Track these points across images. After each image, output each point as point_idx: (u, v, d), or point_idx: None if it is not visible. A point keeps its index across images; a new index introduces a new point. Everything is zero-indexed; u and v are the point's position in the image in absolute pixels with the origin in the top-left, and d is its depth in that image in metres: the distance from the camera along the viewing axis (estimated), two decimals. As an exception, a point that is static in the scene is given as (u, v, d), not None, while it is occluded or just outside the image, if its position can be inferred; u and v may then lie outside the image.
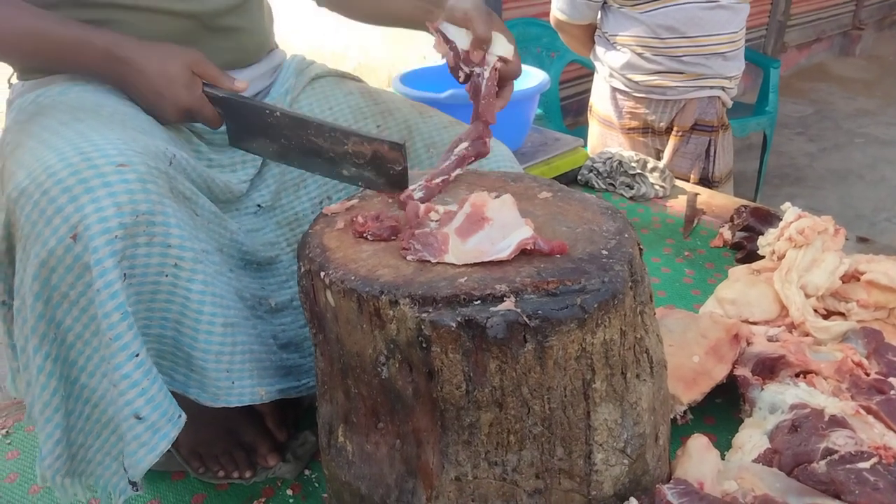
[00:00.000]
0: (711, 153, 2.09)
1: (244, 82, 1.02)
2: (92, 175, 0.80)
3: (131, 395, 0.82)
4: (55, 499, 1.09)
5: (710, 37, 1.95)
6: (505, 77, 1.04)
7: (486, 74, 1.01)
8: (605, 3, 2.04)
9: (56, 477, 0.87)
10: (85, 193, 0.79)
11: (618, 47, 2.04)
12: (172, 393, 0.89)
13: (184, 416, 0.87)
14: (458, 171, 1.00)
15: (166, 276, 0.86)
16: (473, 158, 1.02)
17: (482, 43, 1.00)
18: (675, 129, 2.08)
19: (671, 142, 2.11)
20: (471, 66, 1.02)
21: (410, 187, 0.93)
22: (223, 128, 1.12)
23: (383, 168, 0.93)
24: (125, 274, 0.82)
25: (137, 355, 0.82)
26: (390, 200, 0.94)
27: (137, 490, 0.87)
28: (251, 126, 1.01)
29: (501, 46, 1.02)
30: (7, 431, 1.23)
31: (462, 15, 1.01)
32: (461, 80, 1.04)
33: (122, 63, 0.97)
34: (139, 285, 0.84)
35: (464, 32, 1.01)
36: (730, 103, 2.10)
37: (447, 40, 1.02)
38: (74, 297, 0.82)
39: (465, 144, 1.01)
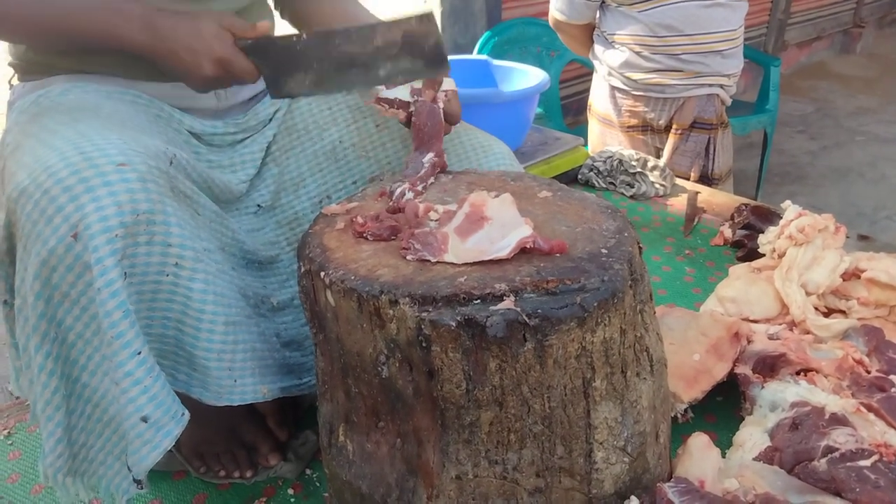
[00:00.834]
0: (711, 151, 2.09)
1: (267, 22, 1.03)
2: (92, 174, 0.81)
3: (134, 392, 0.82)
4: (57, 499, 1.09)
5: (708, 35, 1.95)
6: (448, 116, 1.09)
7: (439, 105, 1.05)
8: (603, 2, 2.03)
9: (58, 476, 0.88)
10: (85, 193, 0.80)
11: (616, 46, 2.04)
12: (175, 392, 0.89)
13: (187, 413, 0.87)
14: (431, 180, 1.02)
15: (167, 275, 0.86)
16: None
17: (435, 84, 1.05)
18: (674, 127, 2.08)
19: (670, 140, 2.11)
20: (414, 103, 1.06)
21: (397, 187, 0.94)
22: (221, 130, 1.12)
23: (417, 48, 0.93)
24: (126, 273, 0.82)
25: (140, 353, 0.82)
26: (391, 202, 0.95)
27: (142, 488, 0.87)
28: (284, 65, 1.00)
29: (447, 83, 1.07)
30: (9, 432, 1.23)
31: None
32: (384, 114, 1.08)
33: (157, 28, 0.97)
34: (140, 284, 0.85)
35: (402, 88, 1.05)
36: (729, 101, 2.10)
37: (390, 103, 1.06)
38: (75, 296, 0.82)
39: (430, 155, 1.02)
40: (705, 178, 2.12)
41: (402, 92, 1.06)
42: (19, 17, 0.97)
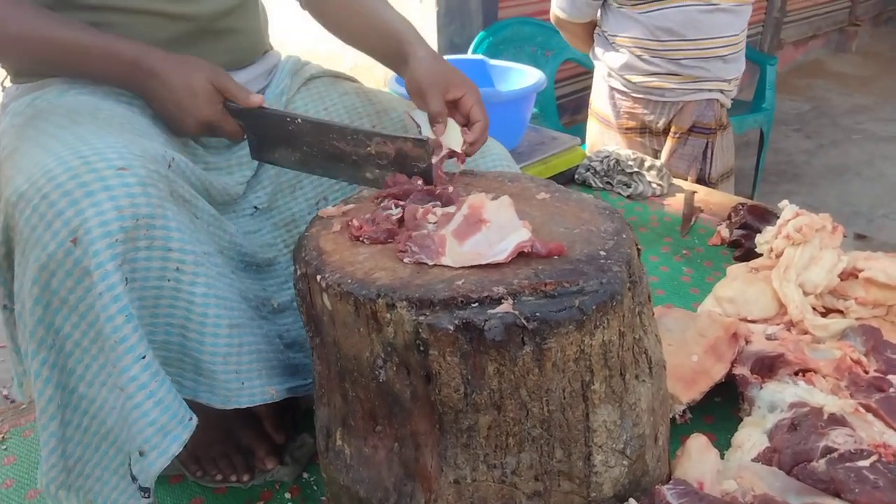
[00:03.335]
0: (709, 155, 2.08)
1: (259, 96, 1.02)
2: (92, 179, 0.80)
3: (140, 397, 0.81)
4: (52, 504, 1.08)
5: (709, 40, 1.93)
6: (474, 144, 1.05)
7: (433, 161, 0.98)
8: (604, 1, 2.03)
9: (51, 487, 0.86)
10: (85, 197, 0.79)
11: (616, 47, 2.04)
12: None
13: (195, 418, 0.86)
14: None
15: (168, 280, 0.85)
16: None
17: (435, 118, 1.02)
18: (672, 130, 2.08)
19: (668, 143, 2.10)
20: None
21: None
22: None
23: (407, 166, 0.92)
24: (127, 279, 0.81)
25: (144, 357, 0.81)
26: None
27: (149, 497, 0.85)
28: (272, 136, 1.00)
29: (453, 139, 1.02)
30: (3, 437, 1.22)
31: (416, 89, 1.05)
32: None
33: (148, 75, 0.98)
34: (141, 290, 0.84)
35: (425, 121, 1.03)
36: (729, 104, 2.09)
37: (416, 124, 1.04)
38: (74, 301, 0.81)
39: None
40: (702, 182, 2.11)
41: (426, 122, 1.03)
42: (22, 52, 0.98)
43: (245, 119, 1.01)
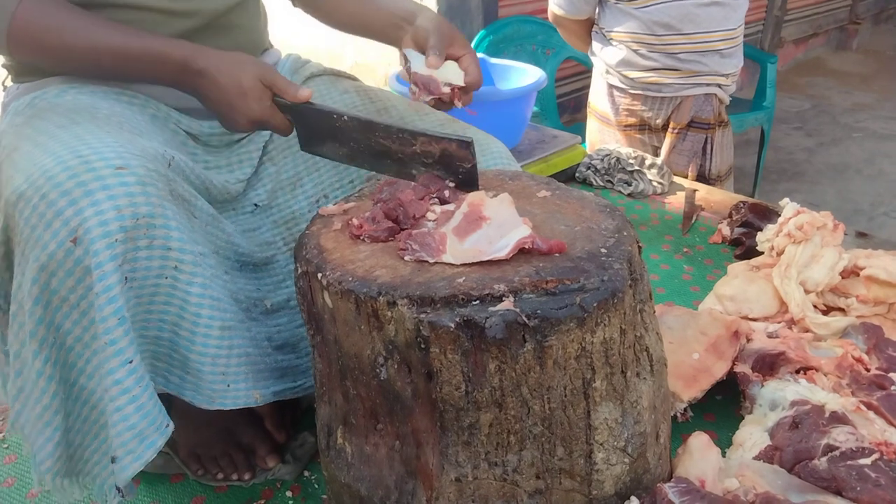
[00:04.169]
0: (708, 150, 2.08)
1: (308, 90, 1.01)
2: (91, 178, 0.80)
3: (122, 401, 0.82)
4: (53, 502, 1.08)
5: (706, 34, 1.94)
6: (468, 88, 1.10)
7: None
8: None
9: (56, 479, 0.87)
10: (84, 197, 0.79)
11: (614, 43, 2.04)
12: (167, 394, 0.89)
13: (171, 425, 0.87)
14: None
15: (166, 278, 0.85)
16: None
17: (432, 51, 1.05)
18: (671, 126, 2.08)
19: (668, 139, 2.10)
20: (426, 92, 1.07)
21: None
22: (218, 130, 1.11)
23: (452, 166, 0.92)
24: (126, 277, 0.82)
25: (131, 362, 0.82)
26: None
27: (123, 496, 0.86)
28: (320, 131, 1.01)
29: (453, 73, 1.07)
30: (3, 436, 1.22)
31: (422, 34, 1.08)
32: (414, 98, 1.09)
33: (199, 76, 0.98)
34: (139, 288, 0.84)
35: (422, 58, 1.07)
36: (727, 100, 2.09)
37: (406, 60, 1.08)
38: (74, 300, 0.81)
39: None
40: (702, 178, 2.11)
41: (420, 61, 1.07)
42: (64, 56, 0.97)
43: (293, 114, 1.02)
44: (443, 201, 0.90)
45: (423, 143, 0.93)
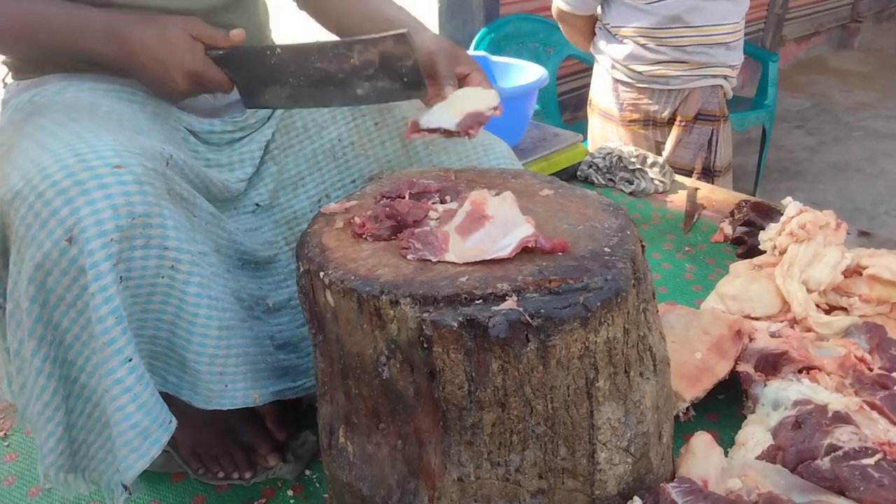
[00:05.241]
0: (714, 143, 2.09)
1: (241, 31, 0.99)
2: (87, 177, 0.79)
3: (124, 400, 0.81)
4: (54, 501, 1.08)
5: (713, 27, 1.96)
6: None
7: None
8: None
9: (60, 474, 0.87)
10: (80, 195, 0.78)
11: (620, 38, 2.04)
12: (164, 394, 0.88)
13: (174, 421, 0.87)
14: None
15: (163, 277, 0.85)
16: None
17: (445, 82, 1.02)
18: (678, 118, 2.08)
19: (674, 132, 2.10)
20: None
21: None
22: (220, 127, 1.11)
23: (395, 69, 0.90)
24: (122, 277, 0.81)
25: (130, 360, 0.81)
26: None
27: (129, 493, 0.86)
28: (258, 78, 0.98)
29: (482, 99, 1.01)
30: (5, 434, 1.22)
31: (427, 60, 1.04)
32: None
33: (124, 39, 0.96)
34: (136, 287, 0.84)
35: (442, 111, 1.01)
36: (730, 93, 2.11)
37: (433, 131, 1.01)
38: (71, 299, 0.81)
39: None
40: (707, 171, 2.12)
41: (443, 115, 1.00)
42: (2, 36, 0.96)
43: (230, 66, 0.99)
44: (444, 200, 0.90)
45: (360, 51, 0.91)
